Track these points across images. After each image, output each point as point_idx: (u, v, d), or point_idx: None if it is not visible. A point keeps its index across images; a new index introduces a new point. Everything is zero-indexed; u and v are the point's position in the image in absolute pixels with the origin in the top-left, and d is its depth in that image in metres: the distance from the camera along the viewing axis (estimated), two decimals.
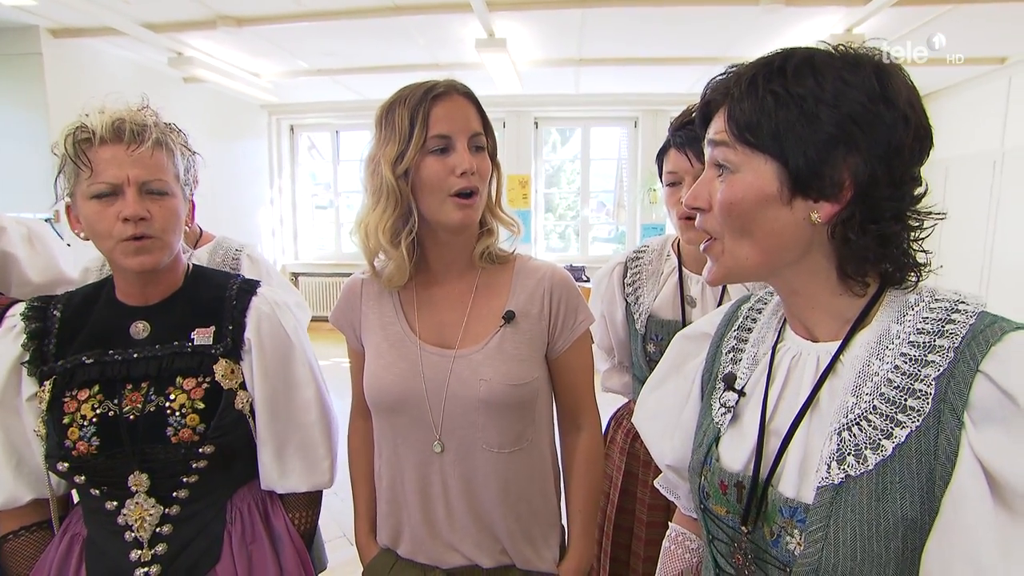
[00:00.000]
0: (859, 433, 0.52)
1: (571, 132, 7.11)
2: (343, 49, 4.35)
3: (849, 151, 0.52)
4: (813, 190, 0.54)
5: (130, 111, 0.86)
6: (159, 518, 0.88)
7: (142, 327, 0.91)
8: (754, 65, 0.57)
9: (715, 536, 0.65)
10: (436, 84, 0.85)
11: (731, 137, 0.57)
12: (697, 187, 0.61)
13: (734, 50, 4.22)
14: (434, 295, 0.94)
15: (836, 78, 0.53)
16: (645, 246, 1.35)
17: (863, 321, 0.58)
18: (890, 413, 0.51)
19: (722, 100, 0.59)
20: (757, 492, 0.58)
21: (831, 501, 0.52)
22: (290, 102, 6.20)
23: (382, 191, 0.86)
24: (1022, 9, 3.18)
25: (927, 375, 0.50)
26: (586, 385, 0.98)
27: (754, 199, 0.56)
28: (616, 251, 6.63)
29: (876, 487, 0.50)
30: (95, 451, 0.84)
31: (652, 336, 1.25)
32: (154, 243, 0.86)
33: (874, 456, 0.50)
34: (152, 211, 0.85)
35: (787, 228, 0.56)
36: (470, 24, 3.70)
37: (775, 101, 0.53)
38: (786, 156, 0.54)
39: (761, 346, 0.68)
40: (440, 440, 0.89)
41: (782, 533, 0.55)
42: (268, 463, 0.96)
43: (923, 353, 0.51)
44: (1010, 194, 4.27)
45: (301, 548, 1.00)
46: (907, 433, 0.50)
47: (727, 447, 0.65)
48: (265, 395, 0.95)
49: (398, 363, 0.91)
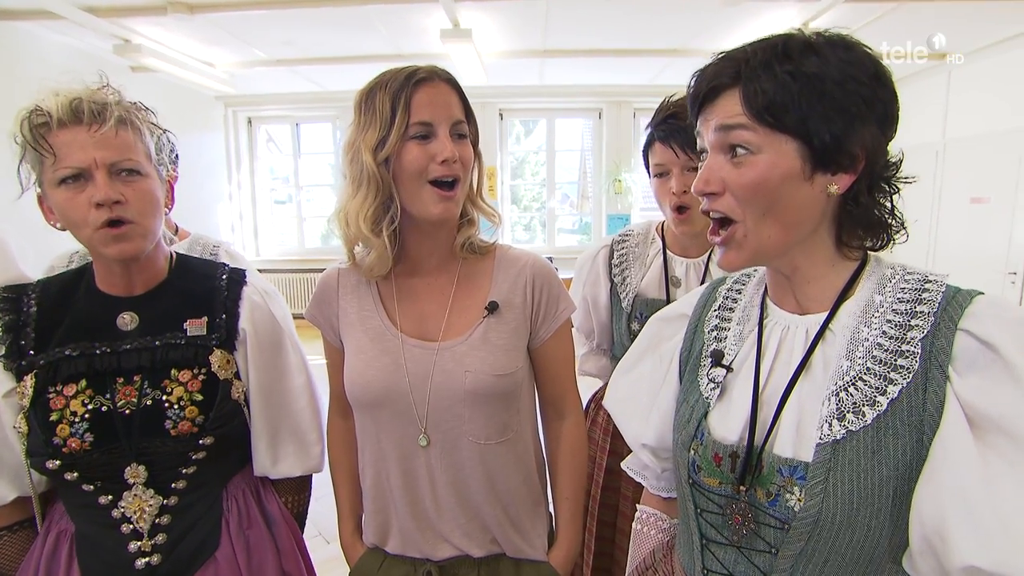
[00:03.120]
0: (855, 393, 0.56)
1: (534, 124, 7.13)
2: (302, 38, 4.23)
3: (864, 125, 0.57)
4: (834, 164, 0.58)
5: (88, 90, 0.82)
6: (158, 508, 0.86)
7: (129, 319, 0.88)
8: (760, 49, 0.59)
9: (704, 508, 0.67)
10: (418, 69, 0.83)
11: (751, 119, 0.57)
12: (706, 173, 0.62)
13: (696, 42, 4.31)
14: (414, 286, 0.93)
15: (839, 60, 0.56)
16: (629, 231, 1.38)
17: (848, 291, 0.62)
18: (883, 372, 0.56)
19: (730, 84, 0.59)
20: (752, 458, 0.61)
21: (830, 457, 0.55)
22: (247, 93, 5.99)
23: (363, 178, 0.84)
24: (961, 8, 3.35)
25: (913, 337, 0.55)
26: (568, 373, 0.99)
27: (780, 178, 0.58)
28: (581, 242, 6.71)
29: (872, 440, 0.54)
30: (88, 447, 0.81)
31: (637, 314, 1.28)
32: (133, 229, 0.82)
33: (871, 411, 0.55)
34: (126, 194, 0.80)
35: (807, 203, 0.59)
36: (434, 14, 3.65)
37: (795, 82, 0.56)
38: (810, 134, 0.56)
39: (746, 324, 0.71)
40: (425, 434, 0.88)
41: (781, 492, 0.58)
42: (263, 450, 0.96)
43: (906, 319, 0.57)
44: (951, 182, 4.52)
45: (295, 529, 1.02)
46: (899, 389, 0.54)
47: (717, 420, 0.67)
48: (260, 384, 0.94)
49: (380, 358, 0.89)
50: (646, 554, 0.85)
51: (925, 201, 4.69)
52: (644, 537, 0.88)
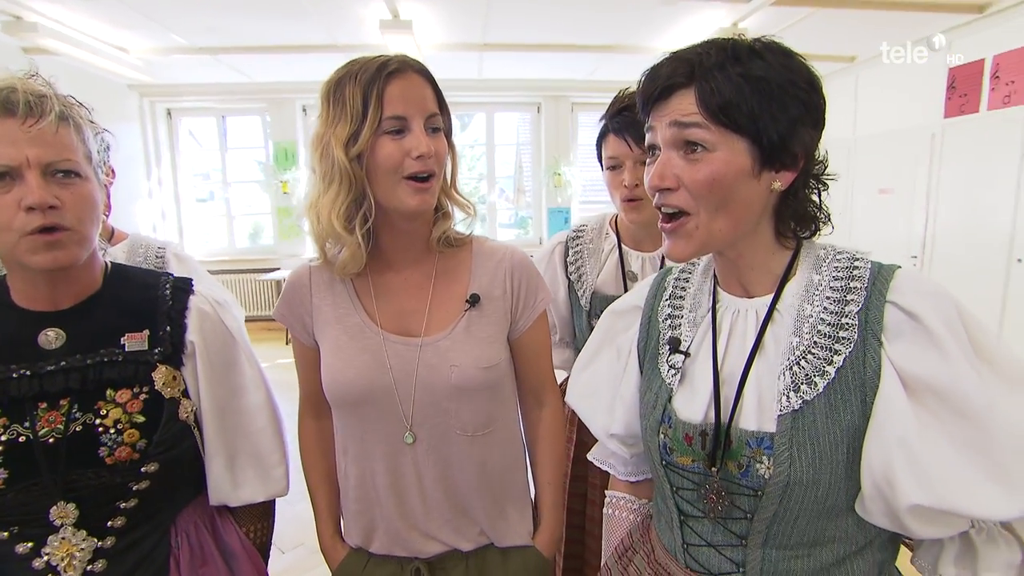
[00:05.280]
0: (806, 365, 0.62)
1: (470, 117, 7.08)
2: (227, 25, 3.98)
3: (803, 126, 0.62)
4: (778, 162, 0.63)
5: (21, 79, 0.73)
6: (91, 553, 0.76)
7: (54, 336, 0.78)
8: (711, 50, 0.62)
9: (679, 487, 0.71)
10: (390, 60, 0.81)
11: (705, 118, 0.61)
12: (661, 168, 0.65)
13: (633, 39, 4.43)
14: (391, 282, 0.91)
15: (780, 65, 0.61)
16: (583, 225, 1.39)
17: (789, 273, 0.68)
18: (828, 344, 0.62)
19: (685, 83, 0.62)
20: (721, 434, 0.65)
21: (791, 425, 0.61)
22: (166, 83, 5.57)
23: (334, 174, 0.81)
24: (868, 15, 3.64)
25: (850, 311, 0.62)
26: (546, 361, 1.00)
27: (733, 175, 0.62)
28: (519, 236, 6.75)
29: (825, 406, 0.60)
30: (2, 486, 0.72)
31: (596, 312, 1.30)
32: (69, 236, 0.73)
33: (822, 381, 0.61)
34: (63, 198, 0.72)
35: (754, 198, 0.64)
36: (372, 4, 3.54)
37: (747, 84, 0.59)
38: (760, 134, 0.61)
39: (698, 310, 0.75)
40: (411, 431, 0.87)
41: (751, 463, 0.63)
42: (219, 475, 0.88)
43: (842, 295, 0.63)
44: (862, 175, 4.93)
45: (259, 564, 0.93)
46: (843, 358, 0.60)
47: (682, 403, 0.71)
48: (212, 402, 0.86)
49: (361, 355, 0.86)
50: (623, 536, 0.88)
51: (840, 192, 5.08)
52: (617, 520, 0.90)
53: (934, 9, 3.64)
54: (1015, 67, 3.72)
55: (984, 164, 3.93)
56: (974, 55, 3.98)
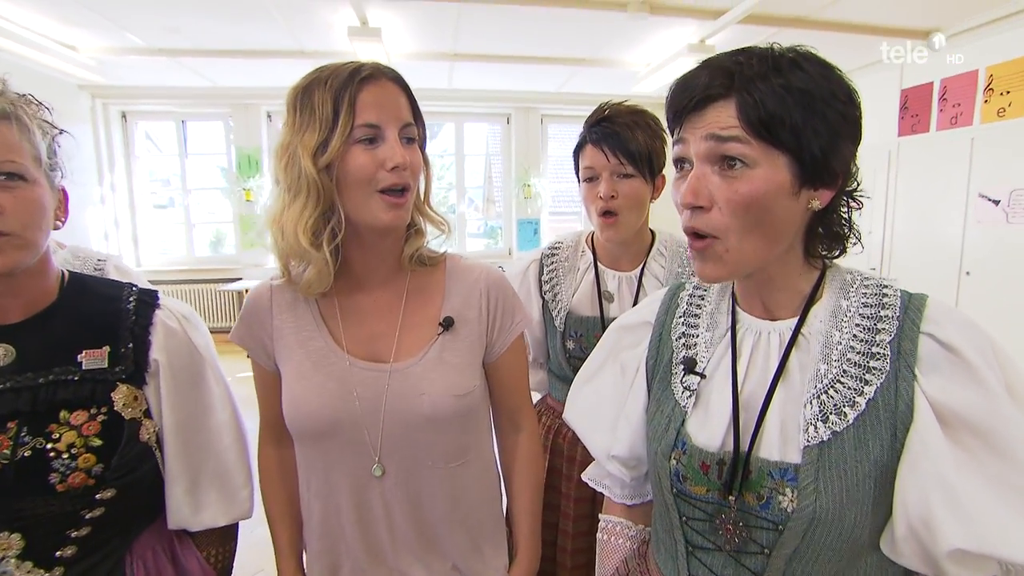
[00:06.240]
0: (835, 395, 0.59)
1: (440, 127, 7.05)
2: (188, 27, 3.84)
3: (843, 141, 0.59)
4: (819, 180, 0.59)
5: None
6: None
7: (2, 352, 0.73)
8: (752, 59, 0.58)
9: (690, 516, 0.67)
10: (362, 66, 0.76)
11: (747, 132, 0.56)
12: (695, 183, 0.59)
13: (602, 53, 4.48)
14: (359, 303, 0.85)
15: (820, 76, 0.57)
16: (559, 243, 1.35)
17: (815, 296, 0.65)
18: (858, 374, 0.59)
19: (723, 94, 0.57)
20: (739, 464, 0.61)
21: (818, 457, 0.57)
22: (121, 84, 5.33)
23: (301, 185, 0.75)
24: (831, 36, 3.77)
25: (882, 340, 0.59)
26: (523, 385, 0.96)
27: (774, 193, 0.57)
28: (488, 246, 6.72)
29: (855, 438, 0.57)
30: None
31: (571, 333, 1.26)
32: (8, 241, 0.68)
33: (852, 412, 0.57)
34: (5, 202, 0.67)
35: (791, 217, 0.60)
36: (341, 10, 3.48)
37: (790, 96, 0.56)
38: (802, 150, 0.57)
39: (716, 330, 0.71)
40: (380, 463, 0.81)
41: (773, 495, 0.59)
42: (180, 498, 0.83)
43: (873, 323, 0.60)
44: None
45: None
46: (874, 389, 0.57)
47: (696, 428, 0.67)
48: (176, 422, 0.82)
49: (326, 383, 0.81)
50: (618, 564, 0.84)
51: None
52: (612, 547, 0.86)
53: (886, 34, 3.81)
54: (961, 91, 3.92)
55: (935, 181, 4.12)
56: (924, 78, 4.18)
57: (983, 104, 3.76)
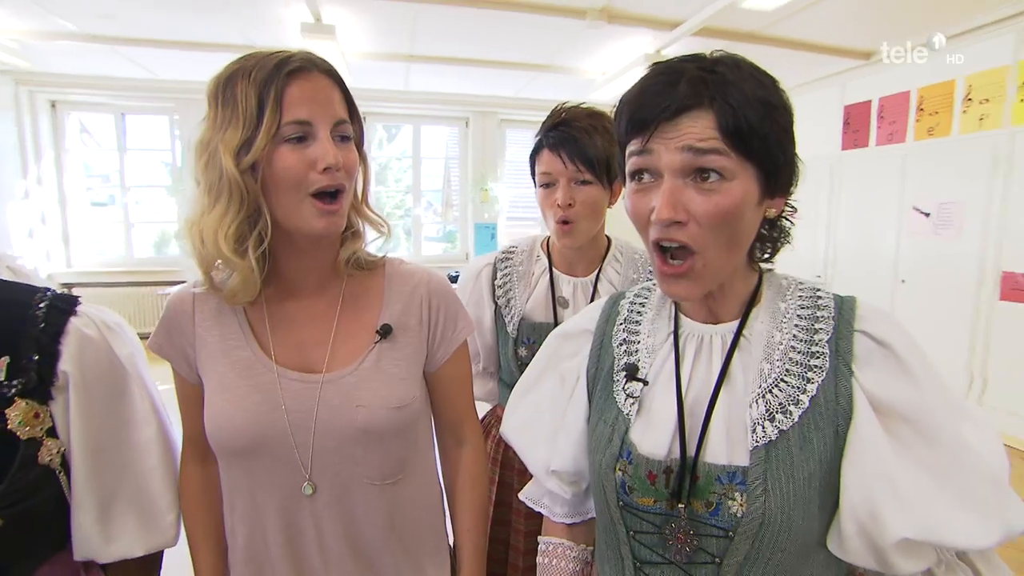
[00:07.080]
0: (779, 393, 0.60)
1: (397, 129, 6.94)
2: (125, 14, 3.62)
3: (792, 149, 0.61)
4: (778, 189, 0.61)
5: None
6: None
7: None
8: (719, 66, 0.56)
9: (637, 530, 0.64)
10: (290, 56, 0.70)
11: (726, 144, 0.55)
12: (671, 198, 0.57)
13: (559, 59, 4.50)
14: (290, 310, 0.80)
15: (773, 87, 0.58)
16: (513, 247, 1.31)
17: (755, 299, 0.66)
18: (801, 372, 0.60)
19: (696, 104, 0.55)
20: (687, 470, 0.60)
21: (765, 458, 0.57)
22: (50, 71, 4.98)
23: (222, 187, 0.69)
24: (781, 53, 3.90)
25: (820, 339, 0.61)
26: (467, 396, 0.92)
27: (746, 205, 0.58)
28: (446, 251, 6.66)
29: (799, 437, 0.58)
30: None
31: (524, 340, 1.22)
32: None
33: (797, 410, 0.58)
34: None
35: (754, 227, 0.62)
36: (293, 5, 3.36)
37: (761, 107, 0.56)
38: (770, 160, 0.57)
39: (657, 335, 0.70)
40: (311, 481, 0.75)
41: (722, 500, 0.58)
42: (87, 527, 0.75)
43: (811, 323, 0.62)
44: None
45: None
46: (816, 387, 0.59)
47: (640, 436, 0.65)
48: (87, 440, 0.74)
49: (250, 395, 0.74)
50: None
51: None
52: (554, 570, 0.82)
53: (831, 53, 4.01)
54: (896, 109, 4.15)
55: (873, 194, 4.33)
56: (863, 96, 4.39)
57: (915, 123, 3.99)
